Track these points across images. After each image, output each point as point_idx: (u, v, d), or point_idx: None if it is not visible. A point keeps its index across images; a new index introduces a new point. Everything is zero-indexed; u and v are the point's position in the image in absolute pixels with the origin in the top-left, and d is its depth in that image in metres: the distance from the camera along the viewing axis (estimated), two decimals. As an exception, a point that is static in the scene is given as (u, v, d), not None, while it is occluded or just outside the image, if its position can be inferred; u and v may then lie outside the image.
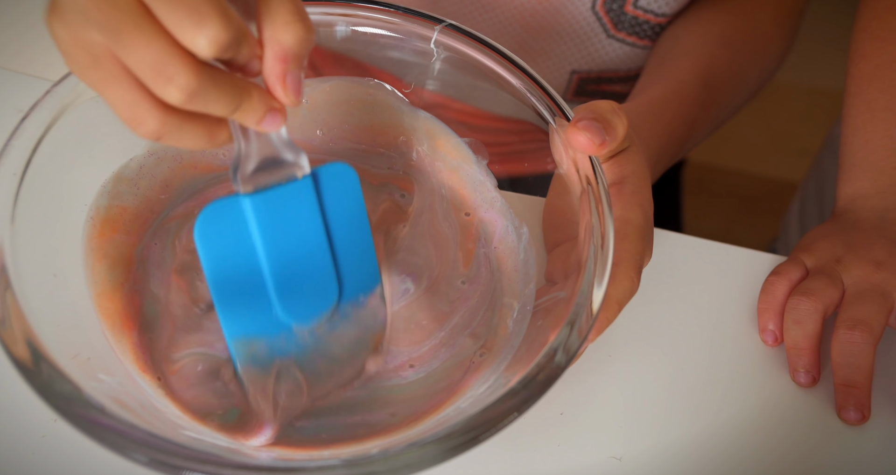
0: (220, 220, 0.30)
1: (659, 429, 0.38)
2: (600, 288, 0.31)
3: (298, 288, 0.33)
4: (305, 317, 0.34)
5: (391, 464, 0.27)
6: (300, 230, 0.32)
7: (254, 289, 0.32)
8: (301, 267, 0.32)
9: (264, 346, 0.33)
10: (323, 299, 0.34)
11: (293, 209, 0.31)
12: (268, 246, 0.31)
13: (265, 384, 0.34)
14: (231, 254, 0.31)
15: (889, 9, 0.47)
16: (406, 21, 0.39)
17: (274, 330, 0.33)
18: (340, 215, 0.33)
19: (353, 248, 0.34)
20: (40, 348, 0.29)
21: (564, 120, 0.36)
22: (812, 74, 1.32)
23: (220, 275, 0.31)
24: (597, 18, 0.52)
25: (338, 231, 0.33)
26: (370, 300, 0.35)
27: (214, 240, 0.31)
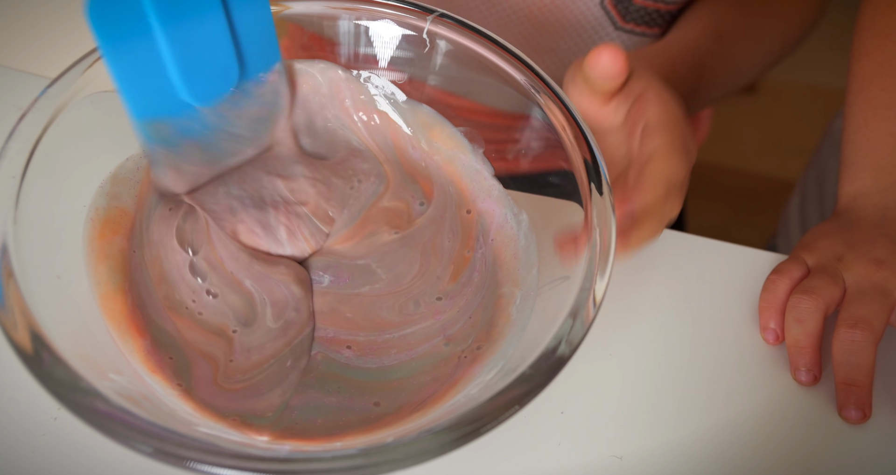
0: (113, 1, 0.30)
1: (660, 428, 0.38)
2: (603, 278, 0.32)
3: (199, 67, 0.33)
4: (208, 96, 0.34)
5: (407, 451, 0.27)
6: (197, 7, 0.32)
7: (155, 70, 0.32)
8: (200, 45, 0.32)
9: (170, 127, 0.34)
10: (224, 78, 0.34)
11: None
12: (164, 24, 0.31)
13: (172, 160, 0.35)
14: (127, 33, 0.31)
15: (891, 6, 0.47)
16: (399, 11, 0.39)
17: (179, 110, 0.34)
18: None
19: (252, 26, 0.34)
20: (44, 339, 0.28)
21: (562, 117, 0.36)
22: (810, 72, 1.32)
23: (120, 56, 0.31)
24: (605, 12, 0.52)
25: (235, 8, 0.33)
26: (270, 77, 0.36)
27: (109, 19, 0.30)
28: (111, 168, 0.37)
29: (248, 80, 0.35)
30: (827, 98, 1.23)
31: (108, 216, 0.37)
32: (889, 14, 0.47)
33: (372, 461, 0.27)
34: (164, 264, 0.37)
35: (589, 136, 0.36)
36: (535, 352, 0.30)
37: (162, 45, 0.31)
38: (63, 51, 0.47)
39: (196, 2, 0.31)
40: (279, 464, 0.26)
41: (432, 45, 0.40)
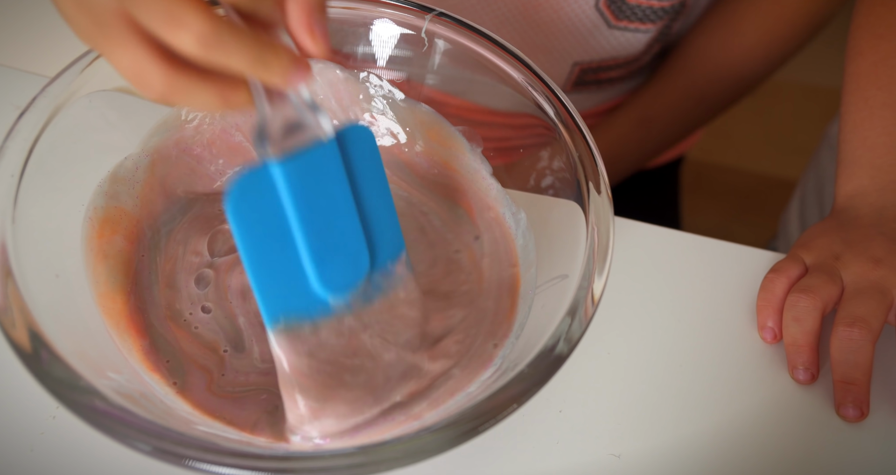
0: (251, 192, 0.28)
1: (657, 427, 0.38)
2: (601, 277, 0.32)
3: (332, 257, 0.31)
4: (341, 287, 0.32)
5: (405, 449, 0.27)
6: (330, 195, 0.30)
7: (288, 265, 0.31)
8: (333, 234, 0.31)
9: (302, 320, 0.32)
10: (356, 267, 0.32)
11: (322, 174, 0.30)
12: (301, 214, 0.30)
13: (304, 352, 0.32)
14: (264, 228, 0.30)
15: (885, 5, 0.47)
16: (398, 10, 0.39)
17: (311, 304, 0.32)
18: (363, 179, 0.32)
19: (378, 213, 0.33)
20: (42, 338, 0.28)
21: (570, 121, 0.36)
22: (809, 72, 1.32)
23: (256, 253, 0.30)
24: (599, 13, 0.52)
25: (362, 195, 0.32)
26: (397, 267, 0.34)
27: (247, 215, 0.29)
28: (109, 167, 0.37)
29: (377, 271, 0.34)
30: (826, 97, 1.23)
31: (107, 215, 0.37)
32: (883, 14, 0.47)
33: (371, 459, 0.27)
34: (177, 264, 0.37)
35: (587, 135, 0.36)
36: (534, 351, 0.30)
37: (297, 234, 0.30)
38: (61, 50, 0.47)
39: (329, 187, 0.30)
40: (278, 463, 0.26)
41: (430, 45, 0.40)
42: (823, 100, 1.28)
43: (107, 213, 0.37)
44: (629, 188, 0.67)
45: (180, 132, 0.40)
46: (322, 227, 0.31)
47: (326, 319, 0.32)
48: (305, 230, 0.30)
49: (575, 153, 0.36)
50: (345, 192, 0.31)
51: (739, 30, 0.58)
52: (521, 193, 0.40)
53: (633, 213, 0.48)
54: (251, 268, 0.30)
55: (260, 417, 0.33)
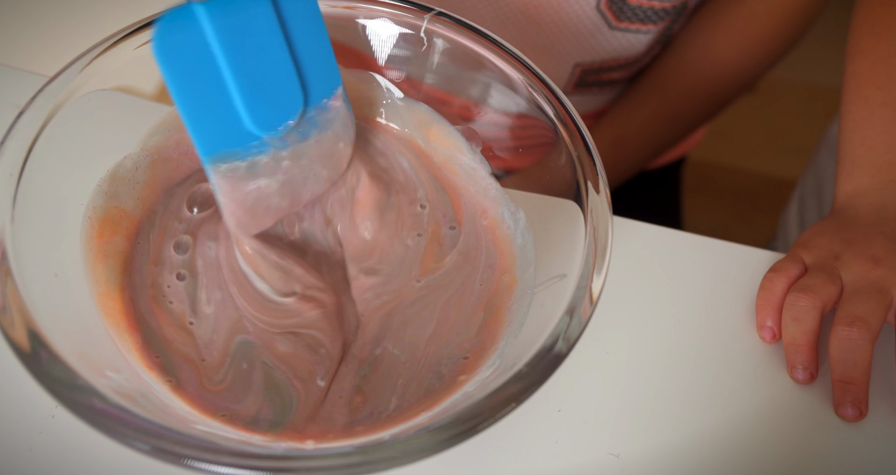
0: (178, 32, 0.29)
1: (656, 426, 0.38)
2: (599, 276, 0.32)
3: (264, 96, 0.32)
4: (274, 125, 0.33)
5: (403, 448, 0.27)
6: (258, 35, 0.31)
7: (220, 103, 0.31)
8: (264, 74, 0.32)
9: (239, 163, 0.33)
10: (289, 105, 0.33)
11: (249, 14, 0.30)
12: (228, 55, 0.30)
13: (243, 201, 0.34)
14: (192, 69, 0.30)
15: (885, 4, 0.47)
16: (397, 9, 0.39)
17: (246, 142, 0.33)
18: (295, 17, 0.32)
19: (311, 50, 0.33)
20: (41, 337, 0.29)
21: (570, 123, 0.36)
22: (809, 72, 1.32)
23: (187, 93, 0.30)
24: (600, 15, 0.52)
25: (294, 33, 0.33)
26: (333, 102, 0.35)
27: (175, 56, 0.30)
28: (109, 167, 0.37)
29: (312, 108, 0.35)
30: (826, 97, 1.23)
31: (107, 215, 0.37)
32: (883, 13, 0.47)
33: (369, 458, 0.27)
34: (165, 235, 0.38)
35: (585, 135, 0.36)
36: (532, 350, 0.30)
37: (226, 75, 0.31)
38: (61, 48, 0.47)
39: (257, 27, 0.31)
40: (276, 462, 0.26)
41: (429, 44, 0.40)
42: (824, 99, 1.28)
43: (107, 212, 0.37)
44: (632, 189, 0.67)
45: (181, 133, 0.40)
46: (251, 66, 0.31)
47: (263, 156, 0.34)
48: (234, 70, 0.31)
49: (574, 153, 0.36)
50: (274, 31, 0.32)
51: (712, 49, 0.58)
52: (520, 193, 0.40)
53: (636, 214, 0.48)
54: (181, 105, 0.31)
55: (260, 408, 0.33)
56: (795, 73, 1.30)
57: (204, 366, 0.35)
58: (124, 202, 0.37)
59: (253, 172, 0.34)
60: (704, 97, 0.61)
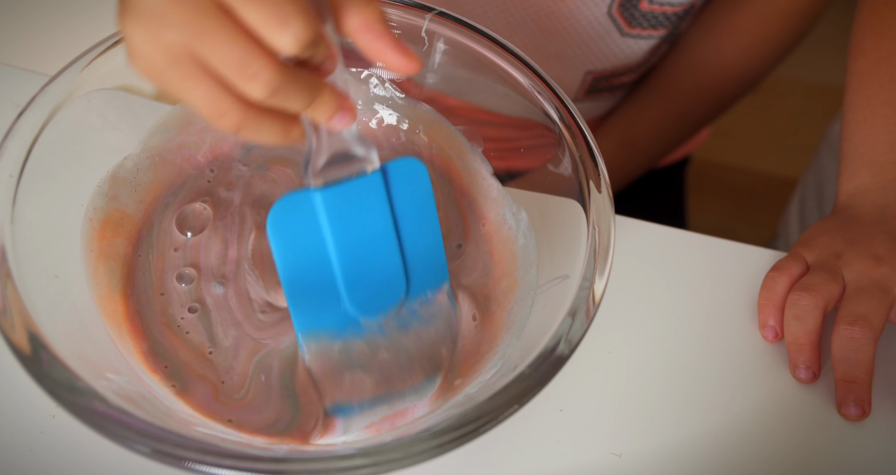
0: (292, 213, 0.31)
1: (658, 426, 0.38)
2: (602, 277, 0.32)
3: (366, 282, 0.33)
4: (373, 310, 0.34)
5: (406, 451, 0.27)
6: (369, 224, 0.32)
7: (323, 283, 0.33)
8: (369, 260, 0.33)
9: (332, 340, 0.34)
10: (390, 294, 0.34)
11: (363, 203, 0.32)
12: (337, 239, 0.32)
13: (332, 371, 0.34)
14: (301, 248, 0.32)
15: (888, 4, 0.47)
16: (398, 9, 0.39)
17: (342, 324, 0.34)
18: (409, 210, 0.33)
19: (421, 243, 0.34)
20: (41, 339, 0.28)
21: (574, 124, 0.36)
22: (811, 70, 1.32)
23: (291, 269, 0.32)
24: (611, 20, 0.52)
25: (406, 225, 0.34)
26: (438, 297, 0.36)
27: (286, 234, 0.31)
28: (109, 167, 0.37)
29: (415, 299, 0.35)
30: (828, 96, 1.23)
31: (108, 217, 0.37)
32: (885, 13, 0.47)
33: (371, 461, 0.27)
34: (165, 261, 0.37)
35: (587, 134, 0.36)
36: (534, 352, 0.30)
37: (332, 253, 0.32)
38: (62, 48, 0.47)
39: (369, 215, 0.32)
40: (277, 465, 0.26)
41: (431, 44, 0.40)
42: (826, 98, 1.28)
43: (108, 214, 0.37)
44: (636, 188, 0.67)
45: (182, 135, 0.40)
46: (357, 251, 0.32)
47: (357, 339, 0.34)
48: (340, 254, 0.32)
49: (576, 152, 0.36)
50: (385, 221, 0.33)
51: (719, 49, 0.58)
52: (522, 193, 0.40)
53: (640, 213, 0.48)
54: (285, 281, 0.32)
55: (279, 416, 0.34)
56: (798, 72, 1.30)
57: (224, 386, 0.35)
58: (125, 204, 0.37)
59: (346, 355, 0.34)
60: (711, 96, 0.61)
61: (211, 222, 0.39)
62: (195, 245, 0.38)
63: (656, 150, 0.62)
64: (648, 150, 0.62)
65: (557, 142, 0.37)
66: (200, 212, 0.39)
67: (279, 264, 0.32)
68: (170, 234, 0.38)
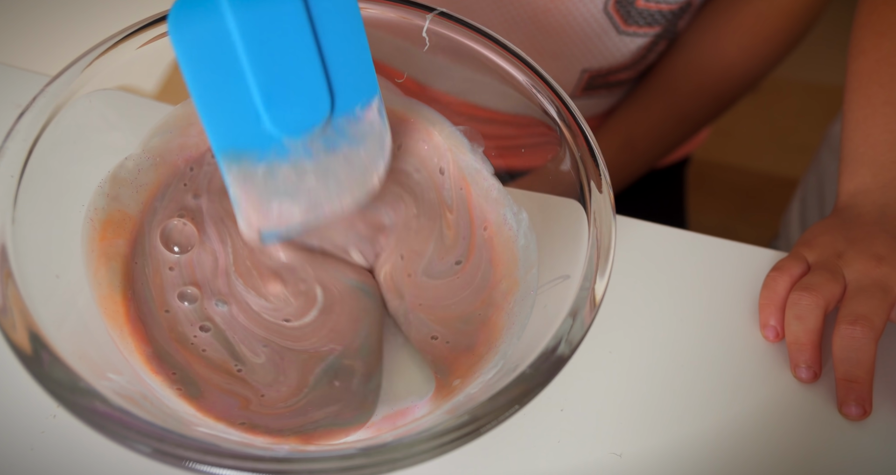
0: (196, 14, 0.27)
1: (659, 426, 0.38)
2: (602, 277, 0.32)
3: (285, 96, 0.30)
4: (295, 127, 0.31)
5: (406, 451, 0.27)
6: (284, 28, 0.29)
7: (238, 95, 0.29)
8: (287, 72, 0.30)
9: (255, 165, 0.31)
10: (313, 108, 0.31)
11: (276, 4, 0.28)
12: (249, 47, 0.29)
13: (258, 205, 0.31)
14: (209, 55, 0.28)
15: (887, 4, 0.47)
16: (399, 9, 0.39)
17: (264, 143, 0.30)
18: (331, 19, 0.30)
19: (346, 56, 0.31)
20: (43, 339, 0.28)
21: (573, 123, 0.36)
22: (812, 70, 1.32)
23: (201, 78, 0.28)
24: (608, 18, 0.52)
25: (327, 35, 0.30)
26: (367, 114, 0.32)
27: (190, 38, 0.28)
28: (110, 168, 0.37)
29: (341, 116, 0.32)
30: (829, 96, 1.23)
31: (110, 217, 0.37)
32: (885, 12, 0.47)
33: (372, 461, 0.27)
34: (163, 278, 0.37)
35: (588, 134, 0.36)
36: (535, 352, 0.30)
37: (245, 65, 0.29)
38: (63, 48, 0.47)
39: (283, 17, 0.29)
40: (278, 464, 0.26)
41: (431, 44, 0.40)
42: (826, 98, 1.28)
43: (109, 214, 0.37)
44: (637, 188, 0.67)
45: (183, 137, 0.40)
46: (274, 59, 0.29)
47: (282, 162, 0.31)
48: (254, 61, 0.29)
49: (577, 152, 0.36)
50: (301, 24, 0.29)
51: (720, 48, 0.58)
52: (523, 192, 0.40)
53: (640, 213, 0.48)
54: (195, 92, 0.29)
55: (327, 414, 0.33)
56: (798, 72, 1.30)
57: (265, 399, 0.34)
58: (126, 204, 0.37)
59: (271, 180, 0.31)
60: (712, 96, 0.61)
61: (197, 237, 0.38)
62: (188, 263, 0.37)
63: (657, 150, 0.62)
64: (649, 150, 0.62)
65: (558, 141, 0.37)
66: (181, 228, 0.38)
67: (187, 74, 0.28)
68: (160, 251, 0.37)
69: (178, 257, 0.37)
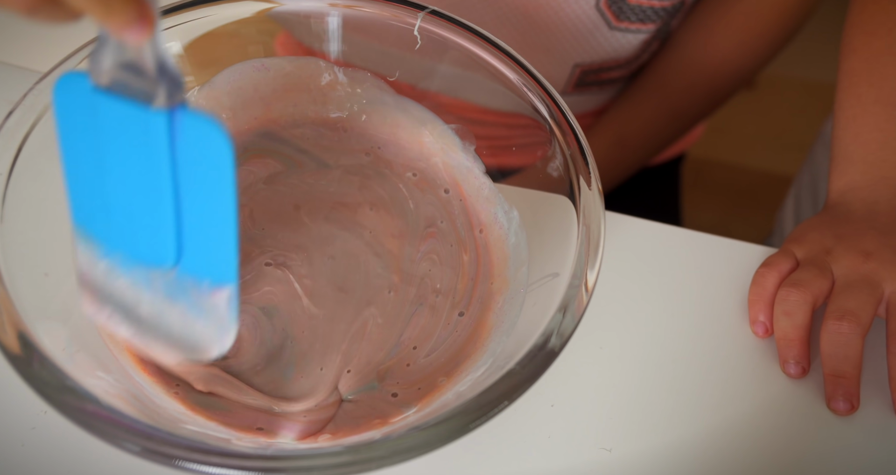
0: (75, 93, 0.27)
1: (649, 421, 0.39)
2: (592, 272, 0.32)
3: (129, 219, 0.29)
4: (134, 253, 0.29)
5: (394, 448, 0.27)
6: (137, 162, 0.27)
7: (97, 184, 0.28)
8: (133, 200, 0.28)
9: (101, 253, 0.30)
10: (155, 250, 0.29)
11: (134, 135, 0.27)
12: (103, 153, 0.28)
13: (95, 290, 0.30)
14: (79, 137, 0.28)
15: (877, 3, 0.47)
16: (390, 8, 0.39)
17: (111, 243, 0.30)
18: (197, 177, 0.28)
19: (205, 222, 0.28)
20: (31, 339, 0.28)
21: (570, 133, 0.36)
22: (808, 68, 1.32)
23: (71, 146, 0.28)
24: (600, 14, 0.52)
25: (189, 193, 0.28)
26: (215, 297, 0.29)
27: (68, 113, 0.27)
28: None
29: (187, 276, 0.29)
30: (824, 93, 1.22)
31: None
32: (875, 12, 0.47)
33: (359, 458, 0.27)
34: None
35: (577, 131, 0.36)
36: (524, 348, 0.31)
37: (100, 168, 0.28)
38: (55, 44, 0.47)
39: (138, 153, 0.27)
40: (267, 462, 0.26)
41: (423, 42, 0.40)
42: (822, 96, 1.28)
43: None
44: (632, 186, 0.67)
45: None
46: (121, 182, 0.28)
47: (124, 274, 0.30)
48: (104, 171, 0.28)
49: (566, 149, 0.36)
50: (156, 168, 0.27)
51: (712, 45, 0.58)
52: (512, 189, 0.40)
53: (636, 211, 0.48)
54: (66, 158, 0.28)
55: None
56: (793, 69, 1.30)
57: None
58: None
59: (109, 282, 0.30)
60: (705, 93, 0.61)
61: None
62: None
63: (650, 148, 0.62)
64: (642, 148, 0.62)
65: (548, 138, 0.37)
66: None
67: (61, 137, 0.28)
68: None
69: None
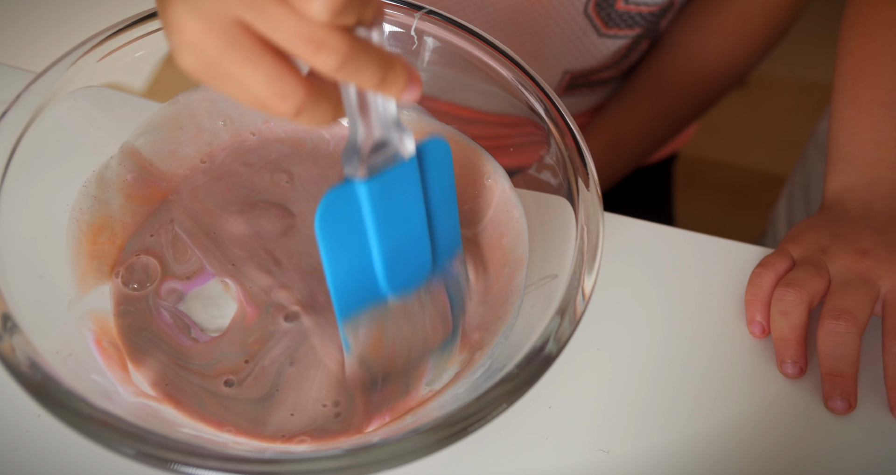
0: (337, 208, 0.30)
1: (647, 422, 0.39)
2: (590, 275, 0.32)
3: (401, 261, 0.33)
4: (404, 288, 0.34)
5: (393, 451, 0.27)
6: (406, 207, 0.32)
7: (363, 270, 0.33)
8: (405, 241, 0.33)
9: (364, 319, 0.34)
10: (420, 270, 0.34)
11: (402, 189, 0.31)
12: (378, 226, 0.31)
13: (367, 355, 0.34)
14: (345, 239, 0.31)
15: (873, 5, 0.48)
16: (387, 8, 0.39)
17: (374, 302, 0.34)
18: (435, 187, 0.33)
19: (444, 217, 0.34)
20: (24, 343, 0.28)
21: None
22: (801, 67, 1.32)
23: (336, 261, 0.31)
24: (588, 20, 0.52)
25: (433, 203, 0.33)
26: (454, 265, 0.36)
27: (332, 229, 0.30)
28: (94, 167, 0.37)
29: (438, 271, 0.36)
30: (818, 92, 1.23)
31: (95, 221, 0.36)
32: (870, 13, 0.47)
33: (358, 461, 0.27)
34: (163, 329, 0.36)
35: (576, 132, 0.36)
36: (522, 351, 0.30)
37: (373, 243, 0.32)
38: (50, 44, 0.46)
39: (406, 200, 0.32)
40: (264, 466, 0.26)
41: (420, 43, 0.40)
42: (816, 95, 1.28)
43: (94, 216, 0.36)
44: (625, 186, 0.67)
45: (173, 143, 0.39)
46: (395, 236, 0.32)
47: (384, 310, 0.34)
48: (381, 240, 0.32)
49: (564, 150, 0.36)
50: (419, 204, 0.33)
51: (704, 47, 0.58)
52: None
53: (629, 210, 0.48)
54: (331, 275, 0.32)
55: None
56: (788, 69, 1.30)
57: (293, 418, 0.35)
58: (112, 207, 0.37)
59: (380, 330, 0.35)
60: (697, 94, 0.61)
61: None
62: (187, 309, 0.37)
63: (644, 149, 0.63)
64: (635, 148, 0.62)
65: (546, 139, 0.37)
66: (150, 265, 0.37)
67: (326, 262, 0.31)
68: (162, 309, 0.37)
69: (179, 286, 0.37)
